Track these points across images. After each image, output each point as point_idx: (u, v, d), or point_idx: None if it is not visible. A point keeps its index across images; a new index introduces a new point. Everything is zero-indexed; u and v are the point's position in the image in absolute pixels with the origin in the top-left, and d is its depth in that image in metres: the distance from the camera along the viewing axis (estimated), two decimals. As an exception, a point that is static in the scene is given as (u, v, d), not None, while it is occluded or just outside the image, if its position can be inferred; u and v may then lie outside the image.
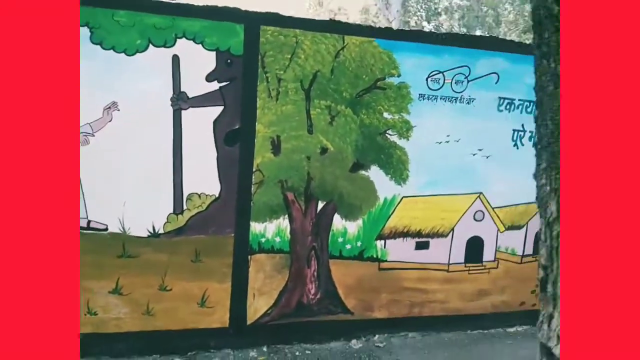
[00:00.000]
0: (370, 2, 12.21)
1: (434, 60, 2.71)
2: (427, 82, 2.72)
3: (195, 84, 2.35)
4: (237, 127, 2.44)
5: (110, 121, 2.26)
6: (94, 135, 2.25)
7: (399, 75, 2.66)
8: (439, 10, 11.66)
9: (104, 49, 2.21)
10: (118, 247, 2.35)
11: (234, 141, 2.44)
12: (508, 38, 10.18)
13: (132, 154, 2.31)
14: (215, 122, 2.41)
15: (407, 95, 2.69)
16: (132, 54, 2.25)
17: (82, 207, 2.28)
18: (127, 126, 2.29)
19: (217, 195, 2.45)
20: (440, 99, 2.74)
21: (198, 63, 2.34)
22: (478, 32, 10.68)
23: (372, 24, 11.59)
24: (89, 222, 2.30)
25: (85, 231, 2.29)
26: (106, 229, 2.32)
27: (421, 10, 12.05)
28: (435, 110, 2.74)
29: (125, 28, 2.22)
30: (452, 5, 11.56)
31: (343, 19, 16.55)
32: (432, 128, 2.75)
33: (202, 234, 2.45)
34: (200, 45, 2.33)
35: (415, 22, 11.78)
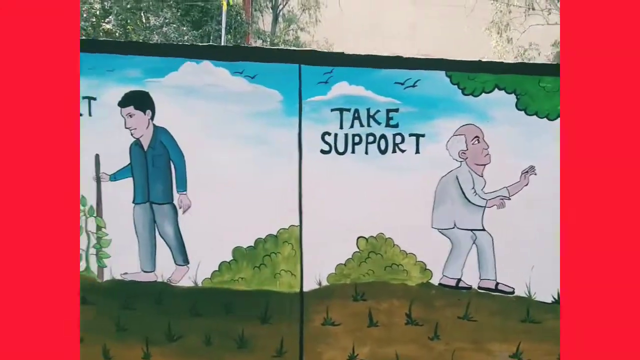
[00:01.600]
0: (561, 34, 11.29)
1: None
2: None
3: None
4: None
5: (526, 185, 2.27)
6: (509, 199, 2.28)
7: None
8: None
9: (527, 114, 2.24)
10: (522, 311, 2.33)
11: None
12: None
13: (543, 217, 2.29)
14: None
15: None
16: (554, 119, 2.24)
17: (492, 270, 2.31)
18: (537, 190, 2.28)
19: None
20: None
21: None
22: None
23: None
24: (497, 284, 2.32)
25: (493, 293, 2.32)
26: (513, 292, 2.32)
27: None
28: None
29: (550, 94, 2.23)
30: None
31: (534, 54, 15.56)
32: None
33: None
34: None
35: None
